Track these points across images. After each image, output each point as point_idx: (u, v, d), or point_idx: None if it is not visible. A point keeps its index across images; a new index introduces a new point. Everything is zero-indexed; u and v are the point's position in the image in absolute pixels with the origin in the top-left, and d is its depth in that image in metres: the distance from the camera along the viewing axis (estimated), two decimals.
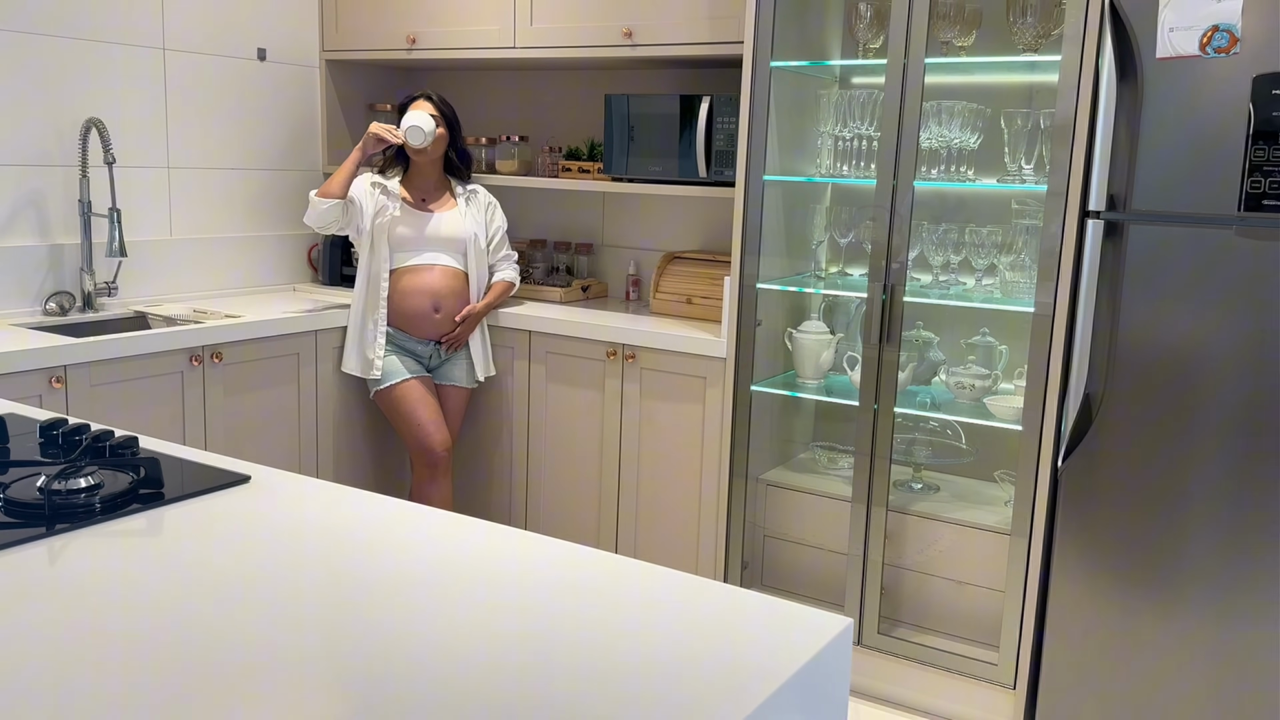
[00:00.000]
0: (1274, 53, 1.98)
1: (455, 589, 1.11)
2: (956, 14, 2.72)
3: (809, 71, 2.94)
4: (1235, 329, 2.07)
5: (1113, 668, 2.28)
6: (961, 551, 2.70)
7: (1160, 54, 2.08)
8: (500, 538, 1.26)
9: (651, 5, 3.00)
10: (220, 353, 2.78)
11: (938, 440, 3.00)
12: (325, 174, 3.73)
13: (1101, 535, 2.27)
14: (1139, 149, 2.13)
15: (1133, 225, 2.15)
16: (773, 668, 0.95)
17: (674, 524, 3.05)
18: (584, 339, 3.10)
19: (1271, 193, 2.00)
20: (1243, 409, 2.09)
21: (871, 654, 2.76)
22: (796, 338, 2.97)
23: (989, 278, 2.76)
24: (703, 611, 1.07)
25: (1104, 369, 2.22)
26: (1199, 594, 2.17)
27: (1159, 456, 2.18)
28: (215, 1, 3.32)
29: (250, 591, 1.08)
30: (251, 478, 1.43)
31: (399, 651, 0.96)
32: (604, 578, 1.15)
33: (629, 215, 3.58)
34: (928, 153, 2.73)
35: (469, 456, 3.38)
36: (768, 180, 2.82)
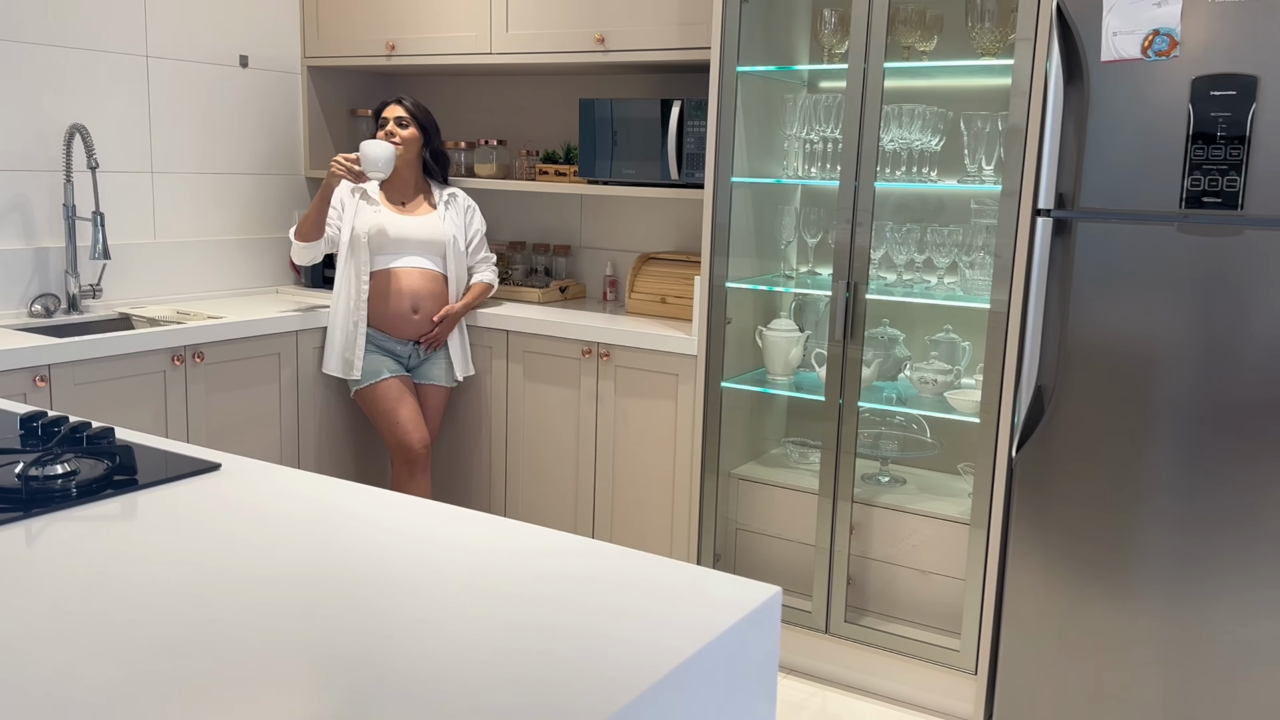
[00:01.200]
0: (1212, 56, 2.06)
1: (413, 563, 1.17)
2: (918, 19, 2.80)
3: (777, 76, 3.02)
4: (1180, 322, 2.15)
5: (1067, 652, 2.36)
6: (926, 542, 2.78)
7: (1104, 57, 2.16)
8: (451, 515, 1.33)
9: (623, 11, 3.08)
10: (202, 353, 2.84)
11: (904, 434, 3.08)
12: (307, 178, 3.80)
13: (1054, 523, 2.34)
14: (1086, 149, 2.21)
15: (1080, 223, 2.23)
16: (700, 629, 1.02)
17: (648, 518, 3.12)
18: (560, 338, 3.17)
19: (1211, 190, 2.08)
20: (1189, 399, 2.16)
21: (839, 642, 2.83)
22: (766, 335, 3.04)
23: (951, 276, 2.83)
24: (644, 581, 1.14)
25: (1055, 362, 2.30)
26: (1149, 579, 2.24)
27: (1109, 446, 2.26)
28: (198, 10, 3.38)
29: (219, 570, 1.15)
30: (222, 465, 1.50)
31: (361, 620, 1.03)
32: (552, 552, 1.22)
33: (606, 217, 3.66)
34: (891, 154, 2.81)
35: (449, 454, 3.45)
36: (736, 182, 2.89)
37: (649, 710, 0.92)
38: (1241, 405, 2.11)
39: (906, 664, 2.74)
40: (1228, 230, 2.08)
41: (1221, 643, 2.19)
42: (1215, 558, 2.17)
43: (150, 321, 3.05)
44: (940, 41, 2.88)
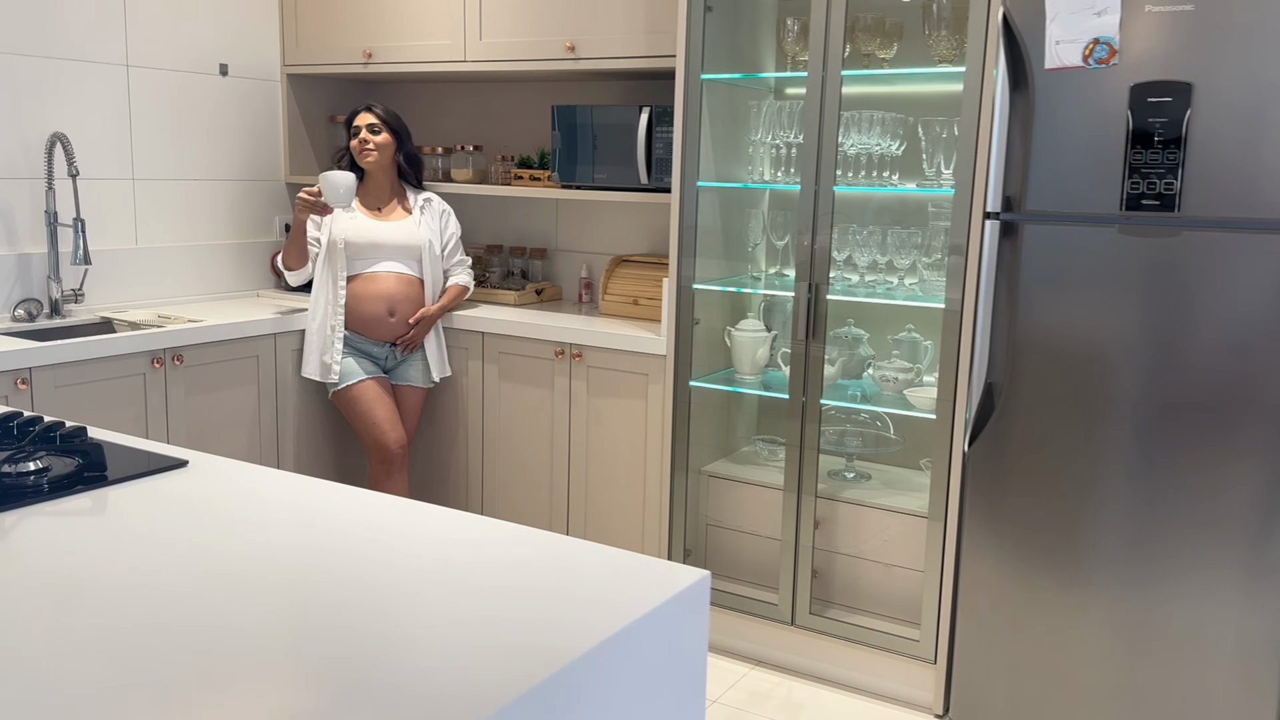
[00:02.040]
0: (1149, 64, 2.14)
1: (371, 549, 1.25)
2: (877, 27, 2.88)
3: (743, 83, 3.09)
4: (1122, 320, 2.23)
5: (1019, 640, 2.43)
6: (888, 535, 2.85)
7: (1048, 65, 2.24)
8: (407, 507, 1.40)
9: (593, 20, 3.15)
10: (181, 355, 2.91)
11: (868, 431, 3.15)
12: (287, 183, 3.87)
13: (1006, 515, 2.42)
14: (1031, 154, 2.29)
15: (1027, 225, 2.31)
16: (628, 610, 1.10)
17: (621, 514, 3.19)
18: (534, 339, 3.24)
19: (1149, 193, 2.16)
20: (1133, 394, 2.24)
21: (804, 633, 2.91)
22: (734, 335, 3.11)
23: (911, 277, 2.91)
24: (581, 566, 1.21)
25: (1005, 360, 2.38)
26: (1097, 569, 2.32)
27: (1057, 440, 2.34)
28: (178, 20, 3.45)
29: (185, 559, 1.22)
30: (189, 462, 1.57)
31: (320, 599, 1.10)
32: (498, 542, 1.29)
33: (581, 221, 3.73)
34: (853, 159, 2.89)
35: (426, 453, 3.52)
36: (702, 186, 2.97)
37: (578, 679, 0.99)
38: (1182, 399, 2.19)
39: (869, 654, 2.82)
40: (1166, 231, 2.16)
41: (1166, 629, 2.26)
42: (1160, 547, 2.25)
43: (131, 325, 3.12)
44: (901, 49, 2.95)
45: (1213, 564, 2.21)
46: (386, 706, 0.89)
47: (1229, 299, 2.13)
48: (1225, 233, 2.11)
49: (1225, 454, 2.16)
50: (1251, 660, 2.19)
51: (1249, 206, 2.09)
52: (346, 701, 0.90)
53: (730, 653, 3.05)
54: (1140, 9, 2.14)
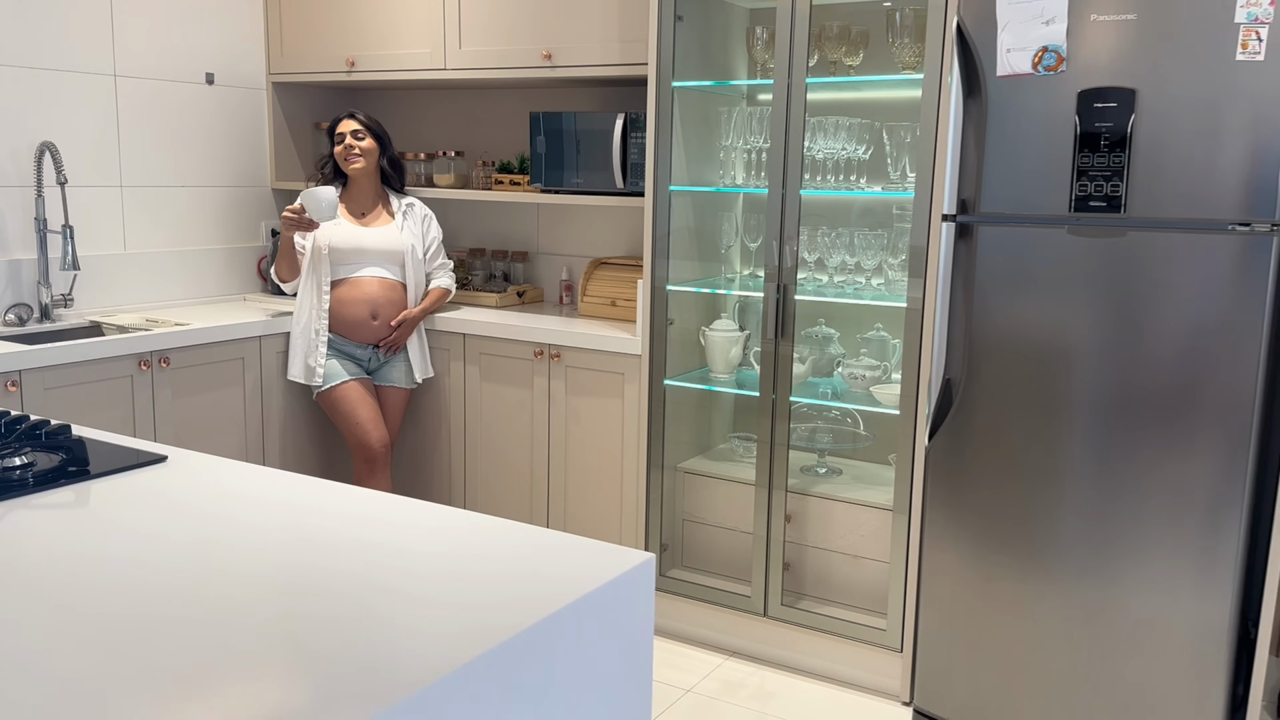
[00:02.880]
0: (1095, 70, 2.23)
1: (340, 536, 1.33)
2: (843, 35, 2.96)
3: (715, 90, 3.18)
4: (1072, 317, 2.32)
5: (979, 627, 2.52)
6: (857, 528, 2.94)
7: (1000, 72, 2.33)
8: (373, 497, 1.48)
9: (569, 29, 3.23)
10: (167, 358, 2.99)
11: (839, 428, 3.24)
12: (273, 189, 3.95)
13: (965, 507, 2.51)
14: (985, 158, 2.37)
15: (981, 227, 2.40)
16: (577, 586, 1.18)
17: (599, 511, 3.27)
18: (513, 340, 3.32)
19: (1096, 194, 2.25)
20: (1083, 389, 2.33)
21: (776, 624, 2.99)
22: (708, 335, 3.20)
23: (878, 277, 3.00)
24: (537, 549, 1.29)
25: (962, 356, 2.47)
26: (1052, 558, 2.40)
27: (1012, 433, 2.42)
28: (164, 30, 3.53)
29: (162, 546, 1.30)
30: (168, 457, 1.65)
31: (294, 581, 1.18)
32: (459, 529, 1.37)
33: (562, 224, 3.81)
34: (822, 163, 2.97)
35: (411, 453, 3.59)
36: (674, 191, 3.05)
37: (529, 645, 1.07)
38: (1133, 394, 2.28)
39: (839, 644, 2.90)
40: (1113, 231, 2.25)
41: (1119, 616, 2.35)
42: (1113, 537, 2.34)
43: (119, 329, 3.19)
44: (867, 56, 3.04)
45: (1164, 553, 2.29)
46: (350, 673, 0.97)
47: (1174, 296, 2.21)
48: (1169, 232, 2.20)
49: (1174, 447, 2.25)
50: (1201, 645, 2.28)
51: (1191, 207, 2.18)
52: (321, 668, 0.98)
53: (705, 644, 3.13)
54: (1086, 18, 2.22)
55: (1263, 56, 2.09)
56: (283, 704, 0.91)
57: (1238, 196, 2.14)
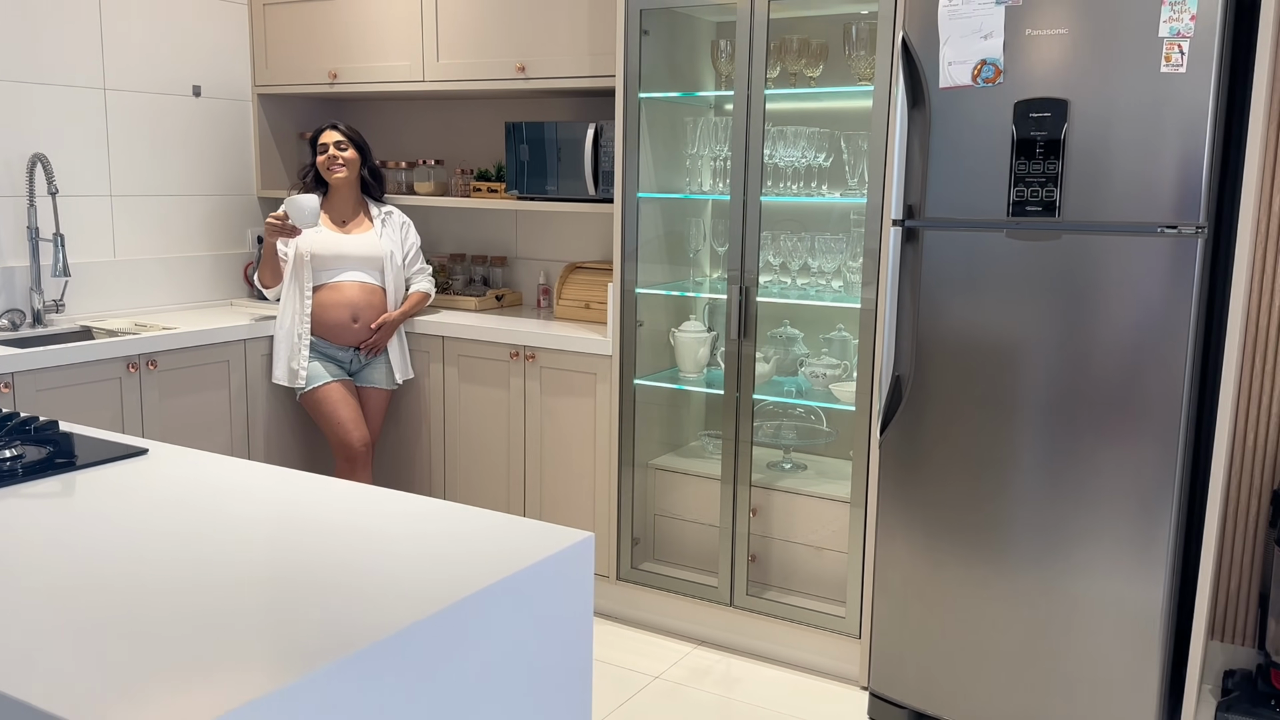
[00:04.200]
0: (1030, 82, 2.35)
1: (308, 519, 1.44)
2: (803, 48, 3.09)
3: (682, 101, 3.30)
4: (1011, 316, 2.44)
5: (929, 613, 2.64)
6: (818, 521, 3.06)
7: (942, 84, 2.46)
8: (338, 486, 1.60)
9: (541, 42, 3.36)
10: (155, 360, 3.11)
11: (803, 425, 3.36)
12: (259, 198, 4.06)
13: (914, 498, 2.63)
14: (929, 165, 2.50)
15: (926, 231, 2.52)
16: (518, 560, 1.30)
17: (574, 506, 3.39)
18: (490, 342, 3.44)
19: (1032, 200, 2.38)
20: (1024, 384, 2.45)
21: (741, 613, 3.11)
22: (677, 336, 3.32)
23: (838, 280, 3.12)
24: (485, 529, 1.41)
25: (911, 354, 2.59)
26: (996, 544, 2.52)
27: (957, 426, 2.54)
28: (152, 44, 3.65)
29: (141, 530, 1.42)
30: (149, 450, 1.76)
31: (262, 557, 1.30)
32: (418, 515, 1.49)
33: (539, 230, 3.93)
34: (785, 170, 3.09)
35: (392, 452, 3.71)
36: (642, 197, 3.18)
37: (470, 610, 1.19)
38: (1070, 389, 2.40)
39: (801, 631, 3.02)
40: (1048, 235, 2.37)
41: (1059, 599, 2.47)
42: (1053, 524, 2.46)
43: (109, 333, 3.31)
44: (827, 68, 3.17)
45: (1102, 541, 2.41)
46: (301, 634, 1.09)
47: (1108, 296, 2.34)
48: (1101, 235, 2.33)
49: (1111, 439, 2.37)
50: (1136, 626, 2.40)
51: (1121, 211, 2.30)
52: (285, 627, 1.10)
53: (674, 633, 3.25)
54: (1021, 33, 2.35)
55: (1185, 69, 2.21)
56: (241, 661, 1.03)
57: (1165, 200, 2.26)
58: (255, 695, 0.96)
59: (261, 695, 0.96)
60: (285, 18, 3.88)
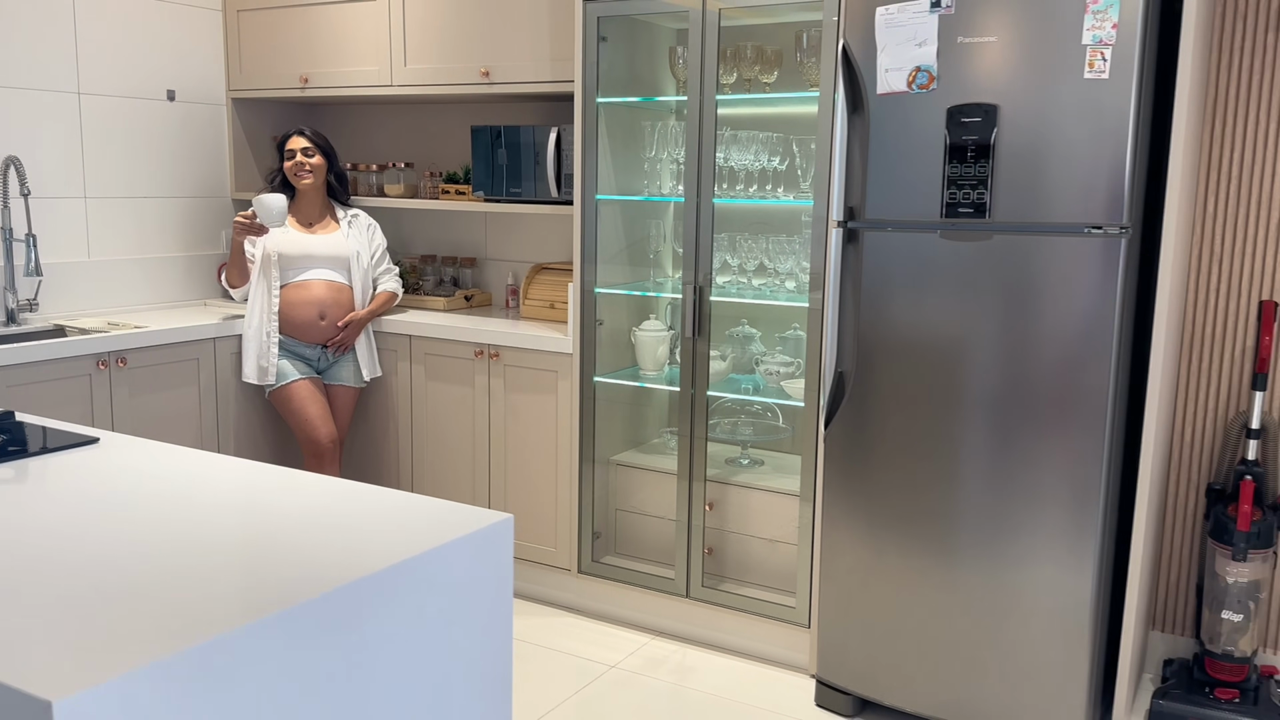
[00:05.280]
0: (962, 88, 2.44)
1: (247, 502, 1.52)
2: (758, 55, 3.17)
3: (642, 105, 3.38)
4: (947, 314, 2.53)
5: (871, 602, 2.72)
6: (772, 514, 3.14)
7: (880, 90, 2.54)
8: (278, 473, 1.68)
9: (504, 48, 3.44)
10: (125, 358, 3.18)
11: (760, 421, 3.44)
12: (233, 199, 4.14)
13: (857, 489, 2.71)
14: (868, 168, 2.58)
15: (866, 232, 2.61)
16: (436, 537, 1.38)
17: (537, 501, 3.47)
18: (456, 341, 3.52)
19: (964, 202, 2.46)
20: (959, 379, 2.53)
21: (697, 605, 3.19)
22: (637, 335, 3.40)
23: (791, 280, 3.21)
24: (407, 510, 1.49)
25: (852, 351, 2.67)
26: (932, 535, 2.61)
27: (896, 421, 2.63)
28: (126, 50, 3.73)
29: (85, 511, 1.49)
30: (100, 440, 1.84)
31: (205, 537, 1.38)
32: (347, 496, 1.57)
33: (508, 232, 4.02)
34: (740, 173, 3.18)
35: (361, 448, 3.79)
36: (601, 200, 3.26)
37: (388, 581, 1.27)
38: (1002, 384, 2.48)
39: (754, 621, 3.10)
40: (979, 235, 2.46)
41: (995, 589, 2.55)
42: (988, 516, 2.54)
43: (81, 331, 3.39)
44: (782, 74, 3.25)
45: (1033, 532, 2.49)
46: (229, 594, 1.18)
47: (1037, 294, 2.42)
48: (1030, 235, 2.41)
49: (1041, 433, 2.46)
50: (1066, 614, 2.48)
51: (1049, 212, 2.39)
52: (221, 588, 1.18)
53: (633, 625, 3.33)
54: (953, 40, 2.44)
55: (1107, 75, 2.30)
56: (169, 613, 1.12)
57: (1091, 202, 2.35)
58: (163, 655, 1.04)
59: (171, 655, 1.04)
60: (258, 24, 3.96)
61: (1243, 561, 2.73)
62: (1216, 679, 2.81)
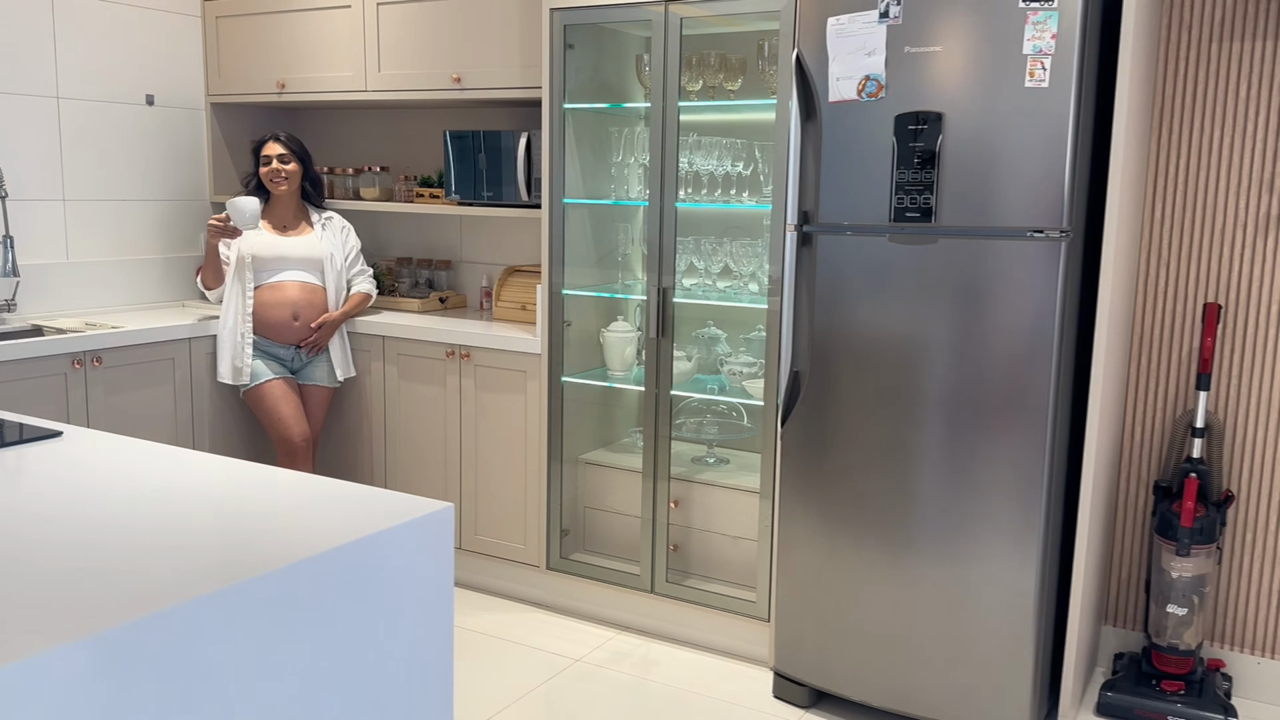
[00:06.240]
0: (909, 97, 2.52)
1: (203, 491, 1.59)
2: (722, 63, 3.25)
3: (610, 111, 3.46)
4: (895, 314, 2.60)
5: (824, 595, 2.79)
6: (735, 512, 3.21)
7: (831, 99, 2.62)
8: (224, 465, 1.75)
9: (475, 55, 3.52)
10: (100, 357, 3.25)
11: (725, 421, 3.51)
12: (212, 202, 4.21)
13: (811, 485, 2.78)
14: (821, 174, 2.66)
15: (819, 235, 2.68)
16: (377, 523, 1.45)
17: (507, 498, 3.53)
18: (428, 341, 3.59)
19: (911, 207, 2.54)
20: (908, 378, 2.61)
21: (661, 600, 3.26)
22: (605, 336, 3.47)
23: (754, 283, 3.28)
24: (353, 500, 1.56)
25: (807, 350, 2.75)
26: (883, 529, 2.68)
27: (848, 418, 2.70)
28: (105, 55, 3.80)
29: (54, 500, 1.56)
30: (63, 433, 1.91)
31: (161, 523, 1.45)
32: (284, 485, 1.64)
33: (482, 235, 4.09)
34: (704, 178, 3.25)
35: (336, 447, 3.85)
36: (569, 203, 3.33)
37: (330, 562, 1.34)
38: (948, 383, 2.56)
39: (716, 616, 3.17)
40: (926, 239, 2.54)
41: (943, 582, 2.62)
42: (936, 511, 2.61)
43: (58, 331, 3.45)
44: (746, 81, 3.33)
45: (982, 526, 2.57)
46: (195, 564, 1.24)
47: (982, 296, 2.50)
48: (974, 239, 2.49)
49: (987, 430, 2.53)
50: (1011, 607, 2.55)
51: (992, 216, 2.47)
52: (158, 569, 1.25)
53: (600, 620, 3.40)
54: (901, 50, 2.51)
55: (1047, 84, 2.38)
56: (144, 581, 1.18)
57: (1032, 206, 2.43)
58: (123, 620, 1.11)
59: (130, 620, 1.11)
60: (236, 30, 4.03)
61: (1187, 557, 2.81)
62: (1163, 672, 2.89)
